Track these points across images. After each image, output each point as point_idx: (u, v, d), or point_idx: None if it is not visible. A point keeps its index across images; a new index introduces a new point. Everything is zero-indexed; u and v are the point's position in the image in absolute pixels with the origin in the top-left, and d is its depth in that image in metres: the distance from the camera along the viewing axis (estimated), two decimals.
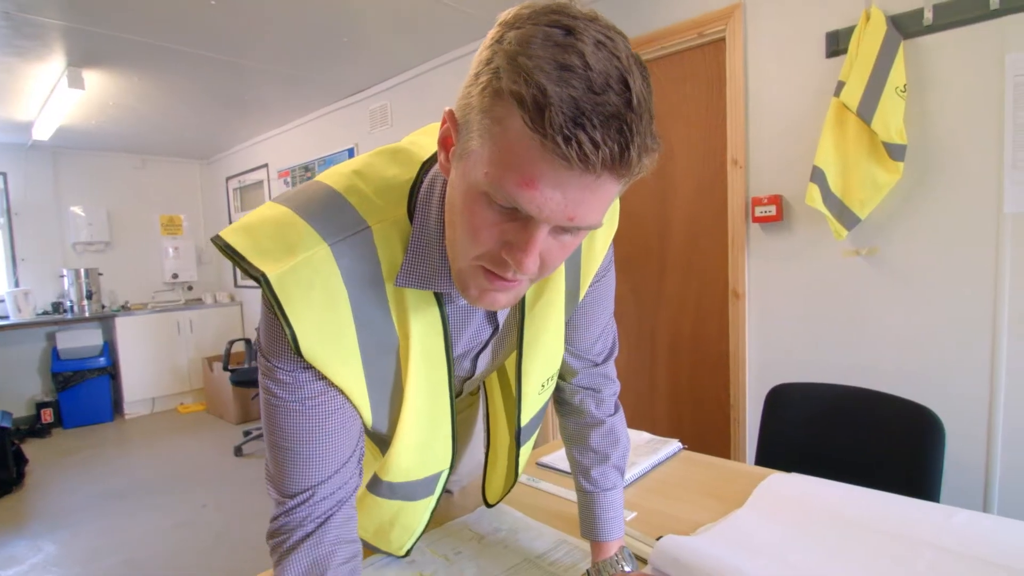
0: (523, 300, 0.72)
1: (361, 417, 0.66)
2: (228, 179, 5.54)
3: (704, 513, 0.98)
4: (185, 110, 4.04)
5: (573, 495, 1.06)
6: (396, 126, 3.59)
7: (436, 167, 0.63)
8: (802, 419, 1.38)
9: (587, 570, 0.81)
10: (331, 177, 0.64)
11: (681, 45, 2.25)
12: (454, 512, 1.05)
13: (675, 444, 1.28)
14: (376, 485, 0.77)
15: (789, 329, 2.04)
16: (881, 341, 1.83)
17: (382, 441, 0.77)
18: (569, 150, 0.42)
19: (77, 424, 4.74)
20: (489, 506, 1.02)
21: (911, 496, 0.97)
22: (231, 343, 4.30)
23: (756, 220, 2.03)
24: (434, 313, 0.65)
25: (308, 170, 4.43)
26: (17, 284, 4.78)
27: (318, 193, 0.62)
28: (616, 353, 0.90)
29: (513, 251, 0.49)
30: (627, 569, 0.79)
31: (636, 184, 0.54)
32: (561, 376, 0.88)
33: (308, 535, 0.62)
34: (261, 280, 0.56)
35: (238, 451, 3.87)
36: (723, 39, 2.12)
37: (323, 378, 0.61)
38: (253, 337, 4.69)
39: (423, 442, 0.72)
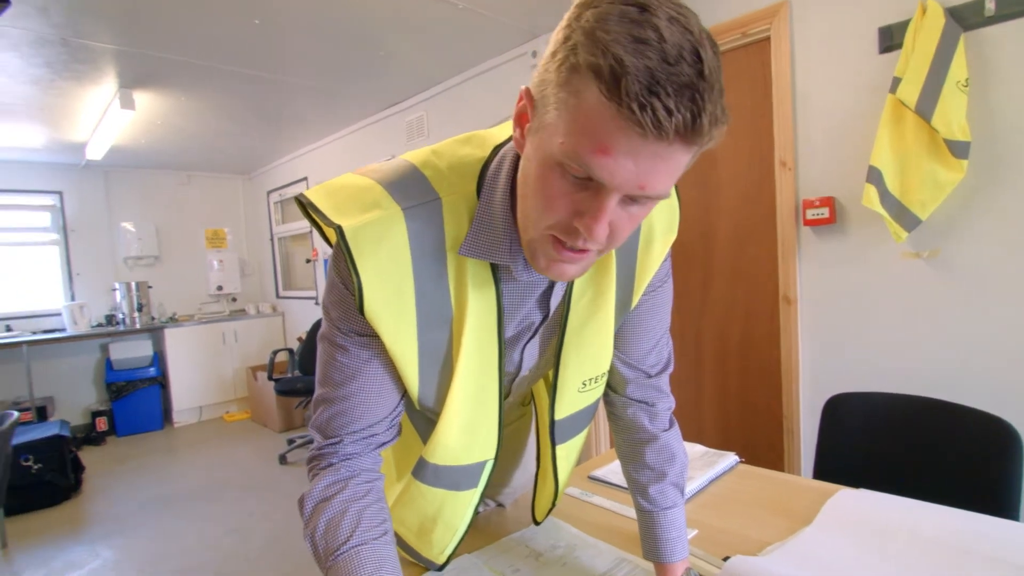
0: (571, 290, 0.72)
1: (407, 389, 0.70)
2: (269, 193, 5.68)
3: (769, 531, 0.93)
4: (228, 127, 4.16)
5: (629, 510, 1.04)
6: (432, 137, 3.62)
7: (506, 147, 0.66)
8: (862, 430, 1.32)
9: None
10: (411, 154, 0.69)
11: (724, 46, 2.20)
12: (508, 526, 1.03)
13: (732, 457, 1.23)
14: (421, 469, 0.77)
15: (844, 335, 1.96)
16: (945, 348, 1.74)
17: (428, 423, 0.78)
18: (644, 116, 0.44)
19: (130, 432, 4.91)
20: (536, 523, 1.00)
21: (987, 513, 0.91)
22: (275, 353, 4.39)
23: (807, 223, 1.97)
24: (490, 289, 0.67)
25: None
26: (73, 298, 4.99)
27: (397, 166, 0.67)
28: (671, 368, 0.87)
29: (584, 219, 0.51)
30: None
31: (679, 188, 0.53)
32: (613, 388, 0.86)
33: (331, 466, 0.69)
34: (337, 232, 0.60)
35: (282, 459, 3.93)
36: (768, 38, 2.07)
37: (373, 347, 0.67)
38: (296, 347, 4.79)
39: (469, 423, 0.73)
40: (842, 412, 1.36)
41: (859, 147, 1.83)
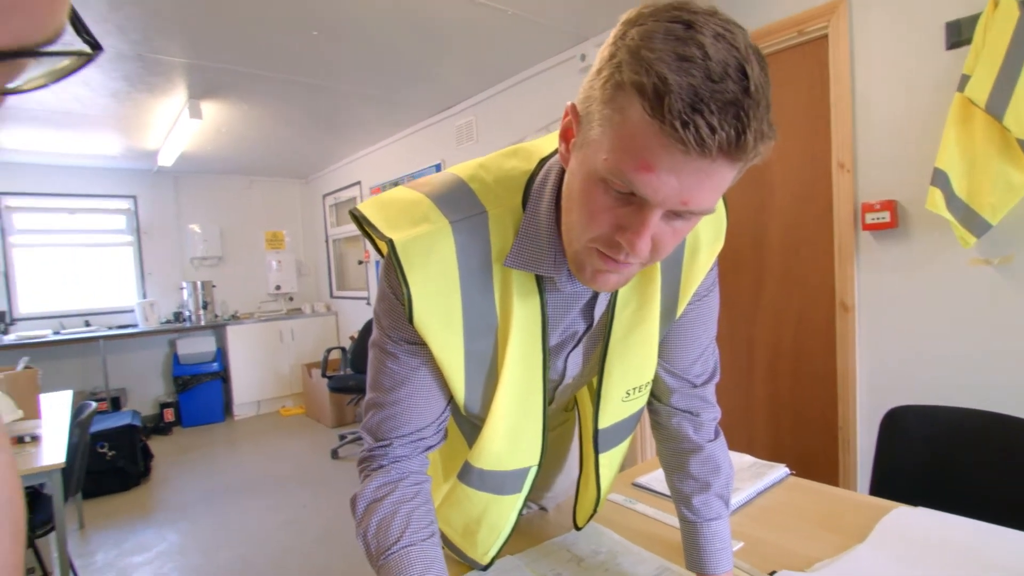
0: (615, 300, 0.72)
1: (454, 396, 0.72)
2: (325, 196, 5.88)
3: (819, 546, 0.91)
4: (287, 133, 4.34)
5: (673, 518, 1.03)
6: (481, 141, 3.67)
7: (552, 160, 0.67)
8: (924, 446, 1.26)
9: None
10: (459, 168, 0.72)
11: (778, 45, 2.14)
12: (550, 530, 1.04)
13: (782, 469, 1.20)
14: (467, 473, 0.79)
15: (905, 345, 1.87)
16: (1016, 359, 1.64)
17: (474, 428, 0.79)
18: (687, 134, 0.44)
19: (194, 423, 5.18)
20: (578, 528, 1.01)
21: None
22: (328, 351, 4.55)
23: (867, 227, 1.89)
24: (534, 300, 0.68)
25: (397, 185, 4.62)
26: (145, 296, 5.31)
27: (445, 180, 0.70)
28: (717, 378, 0.86)
29: (627, 234, 0.52)
30: None
31: (728, 193, 0.54)
32: (657, 397, 0.85)
33: (382, 467, 0.72)
34: (388, 245, 0.63)
35: (334, 454, 4.07)
36: (825, 36, 2.00)
37: (422, 355, 0.69)
38: (348, 345, 4.94)
39: (513, 430, 0.74)
40: (902, 426, 1.30)
41: (923, 148, 1.75)
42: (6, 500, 0.55)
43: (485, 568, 0.89)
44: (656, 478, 1.22)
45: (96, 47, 0.29)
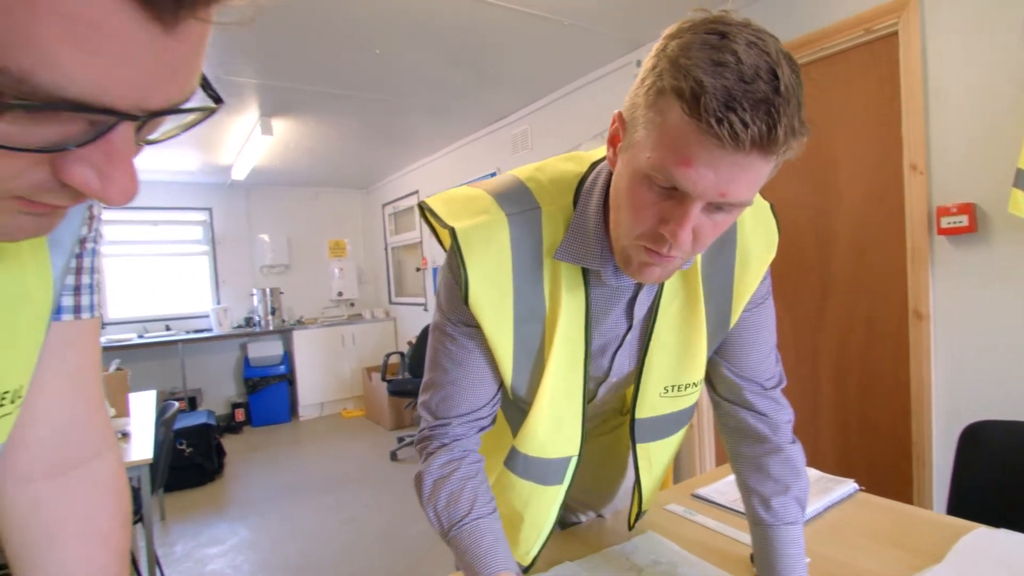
0: (659, 298, 0.76)
1: (503, 378, 0.77)
2: (384, 205, 6.07)
3: (890, 566, 0.88)
4: (350, 146, 4.52)
5: (734, 531, 1.02)
6: (536, 149, 3.70)
7: (601, 164, 0.73)
8: (1006, 464, 1.19)
9: None
10: (517, 170, 0.78)
11: (845, 44, 2.07)
12: (607, 537, 1.05)
13: (850, 484, 1.17)
14: (513, 458, 0.83)
15: (985, 357, 1.76)
16: None
17: (520, 415, 0.83)
18: (721, 130, 0.49)
19: (262, 423, 5.44)
20: (629, 528, 1.02)
21: None
22: (388, 356, 4.68)
23: (942, 232, 1.80)
24: (580, 293, 0.73)
25: None
26: (219, 302, 5.63)
27: (504, 179, 0.77)
28: (784, 384, 0.86)
29: (669, 225, 0.56)
30: None
31: (791, 196, 0.56)
32: (730, 399, 0.86)
33: (444, 445, 0.78)
34: (450, 232, 0.70)
35: (393, 456, 4.18)
36: (895, 33, 1.93)
37: (477, 338, 0.74)
38: (406, 350, 5.06)
39: (556, 417, 0.78)
40: (982, 442, 1.23)
41: (1004, 149, 1.65)
42: (119, 492, 0.62)
43: (526, 570, 0.90)
44: (716, 490, 1.20)
45: (218, 101, 0.34)
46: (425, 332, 4.64)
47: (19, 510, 0.56)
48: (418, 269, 5.49)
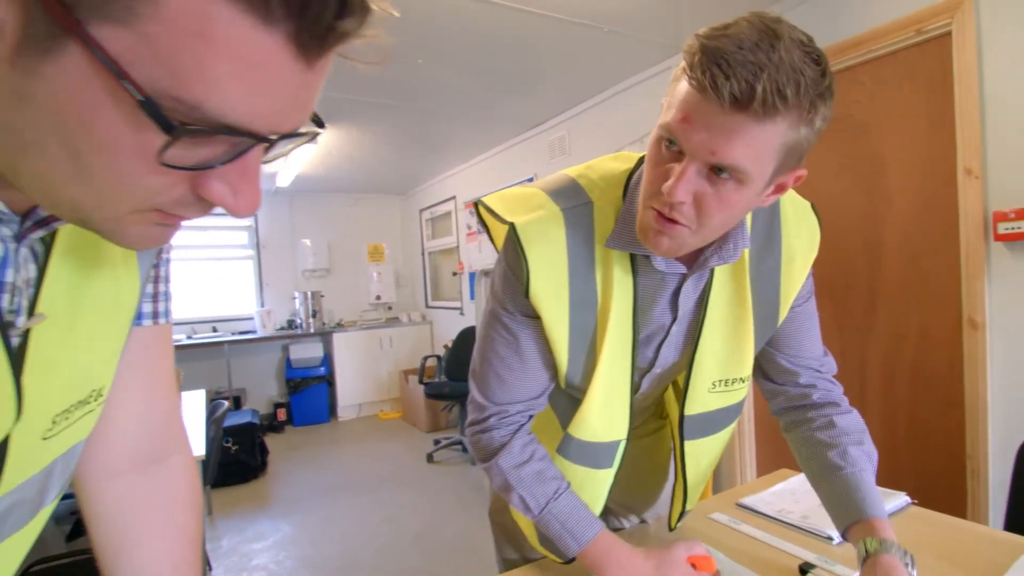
0: (706, 292, 0.79)
1: (557, 366, 0.80)
2: (421, 211, 6.16)
3: None
4: (389, 153, 4.61)
5: (780, 540, 1.01)
6: (574, 155, 3.71)
7: None
8: None
9: (863, 542, 0.74)
10: (568, 169, 0.83)
11: (895, 45, 2.02)
12: (650, 543, 1.04)
13: (902, 498, 1.14)
14: (566, 444, 0.86)
15: None
16: None
17: (570, 403, 0.87)
18: (704, 79, 0.54)
19: (303, 423, 5.58)
20: (671, 529, 1.03)
21: None
22: (425, 359, 4.74)
23: (999, 238, 1.74)
24: (628, 282, 0.76)
25: None
26: (263, 304, 5.80)
27: (557, 177, 0.82)
28: (835, 371, 0.92)
29: (668, 182, 0.60)
30: (914, 574, 0.71)
31: (838, 201, 0.58)
32: (786, 384, 0.90)
33: (514, 434, 0.82)
34: (509, 227, 0.74)
35: (430, 458, 4.23)
36: (948, 34, 1.87)
37: (533, 327, 0.78)
38: (442, 353, 5.12)
39: (607, 402, 0.81)
40: None
41: None
42: (193, 486, 0.66)
43: (570, 561, 0.91)
44: (761, 499, 1.19)
45: (321, 126, 0.37)
46: (462, 336, 4.68)
47: (105, 502, 0.60)
48: (454, 273, 5.55)
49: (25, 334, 0.41)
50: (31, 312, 0.41)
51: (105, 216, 0.34)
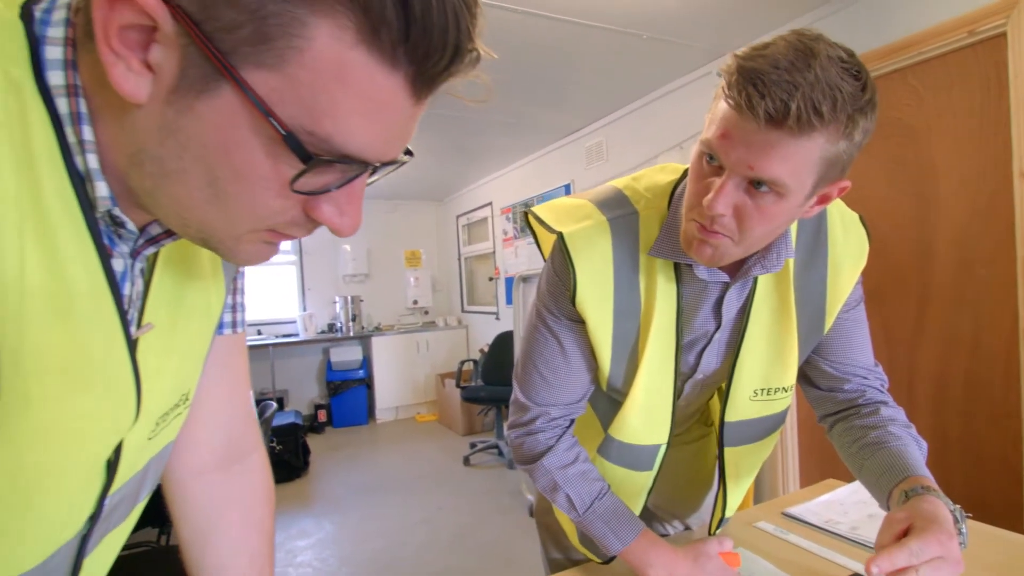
0: (750, 301, 0.80)
1: (600, 370, 0.83)
2: (458, 217, 6.24)
3: None
4: (428, 160, 4.69)
5: (827, 551, 1.00)
6: (612, 161, 3.71)
7: None
8: None
9: (904, 492, 0.70)
10: (615, 180, 0.86)
11: (944, 48, 1.97)
12: None
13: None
14: (607, 446, 0.89)
15: None
16: None
17: (611, 406, 0.89)
18: (740, 98, 0.56)
19: (342, 425, 5.70)
20: (710, 533, 1.03)
21: None
22: (462, 363, 4.80)
23: None
24: (672, 290, 0.78)
25: (527, 206, 4.79)
26: (305, 308, 5.96)
27: (603, 188, 0.85)
28: (887, 384, 0.92)
29: (708, 196, 0.62)
30: (963, 530, 0.67)
31: (886, 207, 0.59)
32: (834, 391, 0.89)
33: (559, 437, 0.85)
34: (558, 237, 0.77)
35: (466, 461, 4.27)
36: (1002, 34, 1.82)
37: (578, 331, 0.81)
38: (478, 358, 5.17)
39: (648, 406, 0.83)
40: None
41: None
42: (268, 484, 0.71)
43: (608, 561, 0.93)
44: (808, 509, 1.18)
45: (409, 153, 0.41)
46: (498, 341, 4.72)
47: (191, 499, 0.65)
48: (491, 279, 5.60)
49: (135, 343, 0.45)
50: (139, 323, 0.46)
51: (227, 235, 0.38)
